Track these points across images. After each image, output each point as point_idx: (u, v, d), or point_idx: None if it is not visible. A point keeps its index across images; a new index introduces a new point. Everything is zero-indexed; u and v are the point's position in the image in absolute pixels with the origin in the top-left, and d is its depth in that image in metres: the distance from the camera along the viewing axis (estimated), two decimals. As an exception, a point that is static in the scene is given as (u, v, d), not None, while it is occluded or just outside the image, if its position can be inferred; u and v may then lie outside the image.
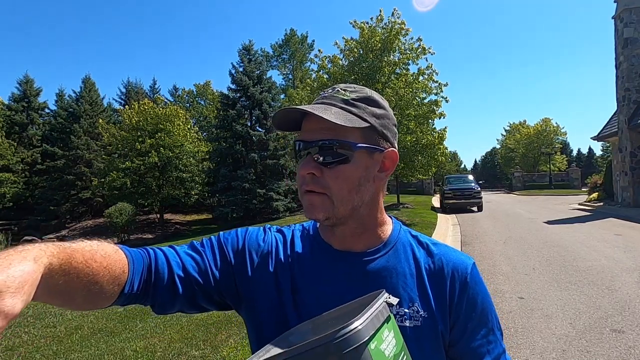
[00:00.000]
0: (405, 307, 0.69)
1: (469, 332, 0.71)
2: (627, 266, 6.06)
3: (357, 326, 0.45)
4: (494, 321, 0.74)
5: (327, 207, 0.66)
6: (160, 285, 0.67)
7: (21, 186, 26.03)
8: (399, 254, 0.74)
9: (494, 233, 10.29)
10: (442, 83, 13.46)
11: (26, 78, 29.78)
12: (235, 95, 23.14)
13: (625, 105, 15.03)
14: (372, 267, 0.72)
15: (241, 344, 3.62)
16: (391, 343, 0.51)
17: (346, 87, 0.71)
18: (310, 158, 0.66)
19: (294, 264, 0.74)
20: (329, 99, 0.69)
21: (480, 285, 0.74)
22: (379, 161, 0.70)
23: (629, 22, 14.89)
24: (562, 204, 19.19)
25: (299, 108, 0.64)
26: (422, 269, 0.73)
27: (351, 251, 0.73)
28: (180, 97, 36.56)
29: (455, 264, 0.73)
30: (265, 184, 21.54)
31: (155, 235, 21.38)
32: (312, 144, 0.66)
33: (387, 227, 0.76)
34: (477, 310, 0.72)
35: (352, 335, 0.44)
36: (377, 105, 0.70)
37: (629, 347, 3.35)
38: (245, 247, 0.75)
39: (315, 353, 0.44)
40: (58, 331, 4.44)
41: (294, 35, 37.24)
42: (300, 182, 0.69)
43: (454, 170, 58.58)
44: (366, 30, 13.20)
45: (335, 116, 0.63)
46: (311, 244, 0.77)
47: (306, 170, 0.66)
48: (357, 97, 0.69)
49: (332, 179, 0.66)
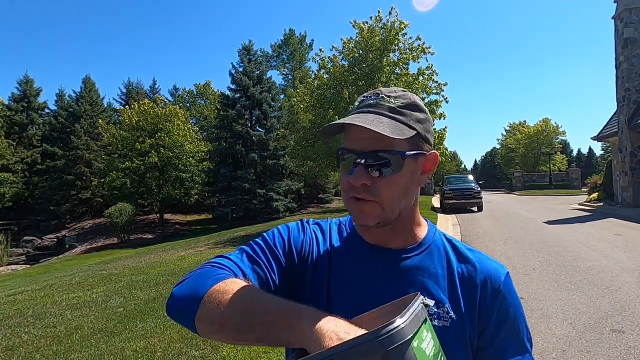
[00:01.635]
0: (434, 307, 0.70)
1: (499, 340, 0.71)
2: (627, 266, 6.05)
3: (400, 324, 0.46)
4: (524, 332, 0.74)
5: (378, 213, 0.68)
6: None
7: (21, 186, 26.05)
8: (433, 255, 0.75)
9: (494, 233, 10.28)
10: (441, 83, 13.45)
11: (26, 78, 29.81)
12: (235, 95, 23.15)
13: (625, 105, 15.02)
14: (407, 265, 0.73)
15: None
16: (430, 343, 0.52)
17: (389, 92, 0.71)
18: (361, 168, 0.67)
19: (332, 261, 0.76)
20: (375, 107, 0.69)
21: (513, 295, 0.74)
22: (422, 164, 0.72)
23: (629, 22, 14.88)
24: (562, 204, 19.18)
25: (352, 122, 0.64)
26: (454, 272, 0.74)
27: (388, 248, 0.75)
28: (181, 97, 36.58)
29: (489, 272, 0.74)
30: (265, 184, 21.55)
31: (155, 235, 21.37)
32: (363, 154, 0.67)
33: (422, 228, 0.79)
34: (508, 320, 0.72)
35: (396, 333, 0.45)
36: (420, 110, 0.72)
37: (629, 347, 3.35)
38: (292, 245, 0.77)
39: (359, 350, 0.44)
40: (58, 331, 4.44)
41: (292, 35, 37.22)
42: (348, 188, 0.69)
43: (454, 170, 58.55)
44: (365, 30, 13.20)
45: (388, 128, 0.64)
46: (348, 239, 0.79)
47: (360, 181, 0.66)
48: (403, 104, 0.70)
49: (383, 187, 0.67)
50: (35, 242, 22.60)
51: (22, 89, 29.42)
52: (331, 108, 13.19)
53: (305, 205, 26.25)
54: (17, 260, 19.37)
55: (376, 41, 12.91)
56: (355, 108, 0.72)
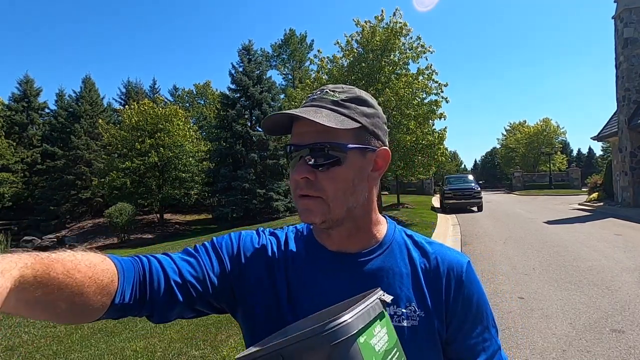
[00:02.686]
0: (402, 307, 0.69)
1: (465, 330, 0.71)
2: (627, 266, 6.06)
3: (345, 319, 0.46)
4: (489, 319, 0.74)
5: (323, 210, 0.66)
6: (156, 293, 0.65)
7: (21, 186, 26.04)
8: (395, 254, 0.74)
9: (494, 233, 10.28)
10: (442, 83, 13.45)
11: (26, 78, 29.81)
12: (235, 95, 23.15)
13: (625, 105, 15.02)
14: (368, 268, 0.71)
15: (241, 343, 3.62)
16: (383, 339, 0.52)
17: (335, 87, 0.71)
18: (302, 162, 0.66)
19: (289, 267, 0.73)
20: (318, 101, 0.68)
21: (476, 284, 0.74)
22: (371, 161, 0.70)
23: (629, 22, 14.88)
24: (562, 204, 19.18)
25: (289, 112, 0.64)
26: (417, 268, 0.73)
27: (346, 252, 0.72)
28: (180, 97, 36.58)
29: (451, 263, 0.73)
30: (265, 184, 21.54)
31: (155, 235, 21.37)
32: (303, 147, 0.66)
33: (381, 227, 0.76)
34: (472, 309, 0.72)
35: (340, 328, 0.45)
36: (366, 105, 0.70)
37: (629, 347, 3.35)
38: (241, 251, 0.75)
39: (305, 344, 0.45)
40: (58, 331, 4.44)
41: (293, 35, 37.23)
42: (294, 186, 0.68)
43: (454, 170, 58.51)
44: (367, 29, 13.20)
45: (326, 118, 0.63)
46: (306, 245, 0.76)
47: (300, 174, 0.65)
48: (347, 98, 0.69)
49: (326, 181, 0.65)
50: (35, 242, 22.58)
51: (22, 89, 29.41)
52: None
53: (305, 205, 26.24)
54: (17, 260, 19.36)
55: (377, 41, 12.92)
56: (301, 105, 0.71)
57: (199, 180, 23.79)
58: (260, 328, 0.70)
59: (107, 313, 0.60)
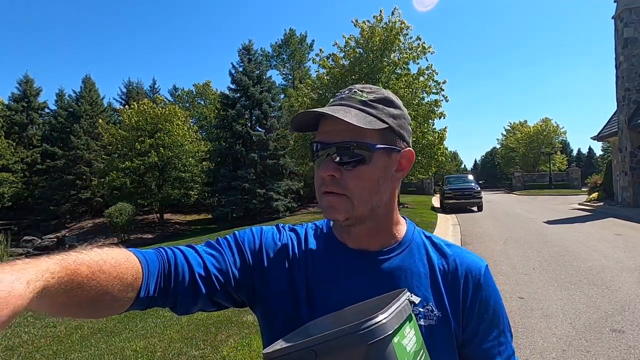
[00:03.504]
0: (419, 306, 0.69)
1: (482, 333, 0.72)
2: (627, 266, 6.06)
3: (382, 319, 0.46)
4: (505, 323, 0.75)
5: (347, 208, 0.67)
6: (181, 285, 0.66)
7: (21, 186, 26.03)
8: (414, 254, 0.75)
9: (494, 233, 10.28)
10: (440, 81, 13.47)
11: (26, 78, 29.79)
12: (235, 95, 23.15)
13: (625, 105, 15.02)
14: (387, 266, 0.72)
15: (241, 343, 3.62)
16: (412, 340, 0.52)
17: (363, 87, 0.71)
18: (329, 160, 0.67)
19: (309, 263, 0.74)
20: (346, 100, 0.69)
21: (493, 288, 0.75)
22: (396, 161, 0.71)
23: (629, 22, 14.88)
24: (562, 204, 19.18)
25: (319, 111, 0.65)
26: (436, 269, 0.74)
27: (366, 250, 0.73)
28: (180, 97, 36.55)
29: (469, 266, 0.74)
30: (265, 184, 21.54)
31: (155, 235, 21.37)
32: (331, 145, 0.67)
33: (401, 227, 0.77)
34: (489, 312, 0.73)
35: (377, 328, 0.45)
36: (393, 106, 0.71)
37: (629, 347, 3.35)
38: (262, 246, 0.76)
39: (340, 342, 0.45)
40: (58, 331, 4.44)
41: (293, 35, 37.21)
42: (319, 183, 0.69)
43: (454, 170, 58.51)
44: (366, 30, 13.20)
45: (355, 118, 0.64)
46: (325, 242, 0.77)
47: (326, 172, 0.66)
48: (375, 98, 0.69)
49: (352, 180, 0.66)
50: (35, 242, 22.58)
51: (22, 89, 29.40)
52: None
53: (305, 205, 26.24)
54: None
55: (377, 41, 12.92)
56: (329, 104, 0.72)
57: (199, 180, 23.79)
58: (278, 323, 0.71)
59: (132, 306, 0.62)
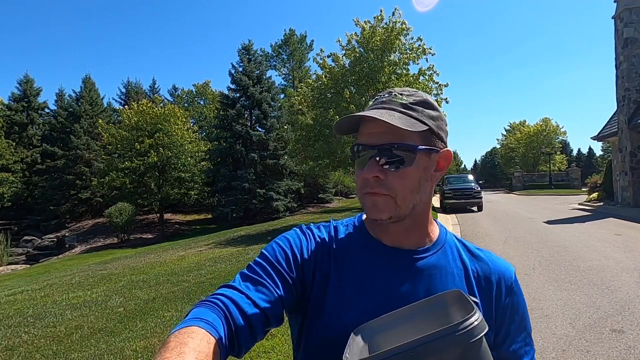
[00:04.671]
0: None
1: (512, 335, 0.75)
2: (627, 266, 6.05)
3: (477, 318, 0.49)
4: (529, 326, 0.78)
5: (391, 207, 0.69)
6: (243, 337, 0.64)
7: (20, 186, 26.02)
8: (447, 255, 0.76)
9: (494, 233, 10.28)
10: (442, 84, 13.45)
11: (26, 78, 29.78)
12: (235, 95, 23.16)
13: (625, 105, 15.02)
14: (423, 265, 0.74)
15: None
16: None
17: (402, 91, 0.73)
18: (373, 161, 0.68)
19: (342, 257, 0.75)
20: (388, 104, 0.71)
21: (521, 292, 0.78)
22: (435, 161, 0.73)
23: (629, 22, 14.88)
24: (562, 203, 19.18)
25: (367, 114, 0.66)
26: (469, 271, 0.76)
27: (401, 248, 0.75)
28: (180, 97, 36.55)
29: (502, 270, 0.77)
30: (265, 184, 21.55)
31: (155, 235, 21.37)
32: (374, 147, 0.68)
33: (434, 227, 0.79)
34: (519, 315, 0.76)
35: (474, 327, 0.48)
36: (432, 108, 0.73)
37: (629, 347, 3.35)
38: (296, 255, 0.75)
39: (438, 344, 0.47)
40: (58, 331, 4.43)
41: (293, 35, 37.21)
42: (362, 184, 0.70)
43: (454, 170, 58.55)
44: (367, 30, 13.19)
45: (399, 121, 0.66)
46: (359, 238, 0.78)
47: (372, 173, 0.67)
48: (415, 101, 0.71)
49: (396, 180, 0.68)
50: (35, 242, 22.59)
51: (22, 89, 29.38)
52: (331, 108, 13.20)
53: (305, 205, 26.25)
54: (17, 260, 19.37)
55: (377, 41, 12.91)
56: (369, 107, 0.73)
57: (199, 180, 23.79)
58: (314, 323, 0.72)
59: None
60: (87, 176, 25.73)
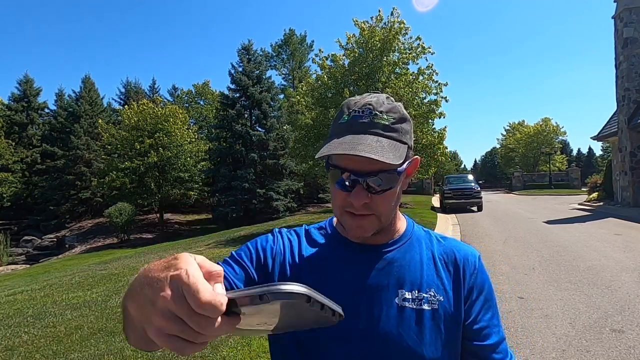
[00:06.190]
0: (423, 292, 0.76)
1: (478, 314, 0.78)
2: (627, 266, 6.06)
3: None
4: (496, 308, 0.82)
5: (375, 225, 0.73)
6: None
7: (20, 186, 26.02)
8: (414, 246, 0.81)
9: (494, 233, 10.28)
10: (441, 83, 13.43)
11: (26, 78, 29.78)
12: (234, 95, 23.14)
13: (625, 105, 15.02)
14: (391, 257, 0.78)
15: (241, 343, 3.62)
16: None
17: (380, 107, 0.71)
18: (361, 188, 0.69)
19: (312, 256, 0.79)
20: (370, 127, 0.69)
21: (486, 274, 0.83)
22: (407, 169, 0.75)
23: (629, 22, 14.88)
24: (562, 203, 19.18)
25: (360, 154, 0.64)
26: (436, 258, 0.80)
27: (372, 244, 0.79)
28: (180, 97, 36.54)
29: (466, 253, 0.82)
30: (265, 184, 21.54)
31: (155, 235, 21.36)
32: (363, 176, 0.68)
33: (402, 222, 0.84)
34: (484, 294, 0.80)
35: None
36: (406, 120, 0.74)
37: (629, 347, 3.35)
38: (259, 254, 0.79)
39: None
40: (58, 331, 4.43)
41: (293, 35, 37.18)
42: (345, 204, 0.71)
43: (454, 170, 58.52)
44: (366, 30, 13.18)
45: (392, 154, 0.66)
46: (330, 240, 0.82)
47: (360, 201, 0.69)
48: (395, 119, 0.71)
49: (381, 201, 0.71)
50: (35, 242, 22.59)
51: (22, 89, 29.38)
52: (332, 108, 13.19)
53: (305, 205, 26.23)
54: (16, 260, 19.36)
55: (376, 41, 12.90)
56: (346, 124, 0.70)
57: (199, 180, 23.77)
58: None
59: None
60: (87, 176, 25.71)
